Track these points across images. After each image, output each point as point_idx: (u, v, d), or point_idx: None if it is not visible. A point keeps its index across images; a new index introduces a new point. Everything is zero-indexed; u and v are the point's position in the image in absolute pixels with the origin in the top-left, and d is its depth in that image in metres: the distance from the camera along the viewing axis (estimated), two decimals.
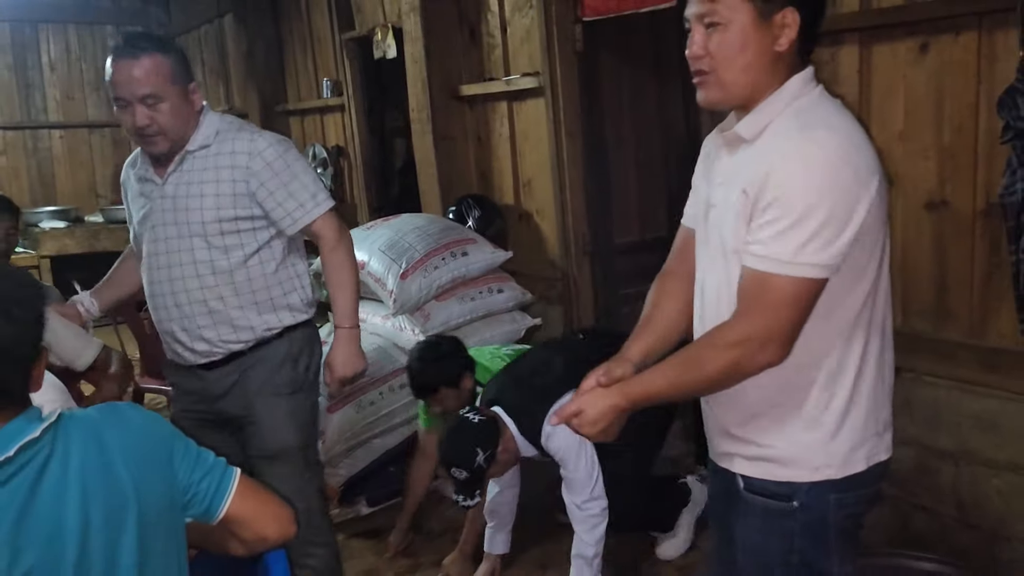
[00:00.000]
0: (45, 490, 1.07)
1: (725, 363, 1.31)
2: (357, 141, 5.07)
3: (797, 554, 1.41)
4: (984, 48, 2.15)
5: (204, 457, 1.25)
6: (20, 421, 1.08)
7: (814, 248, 1.25)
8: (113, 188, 7.43)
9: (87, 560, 1.08)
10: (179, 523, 1.21)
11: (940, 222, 2.32)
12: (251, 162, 2.05)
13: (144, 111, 1.97)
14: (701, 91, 1.38)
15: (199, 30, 6.91)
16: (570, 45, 3.43)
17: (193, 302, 2.09)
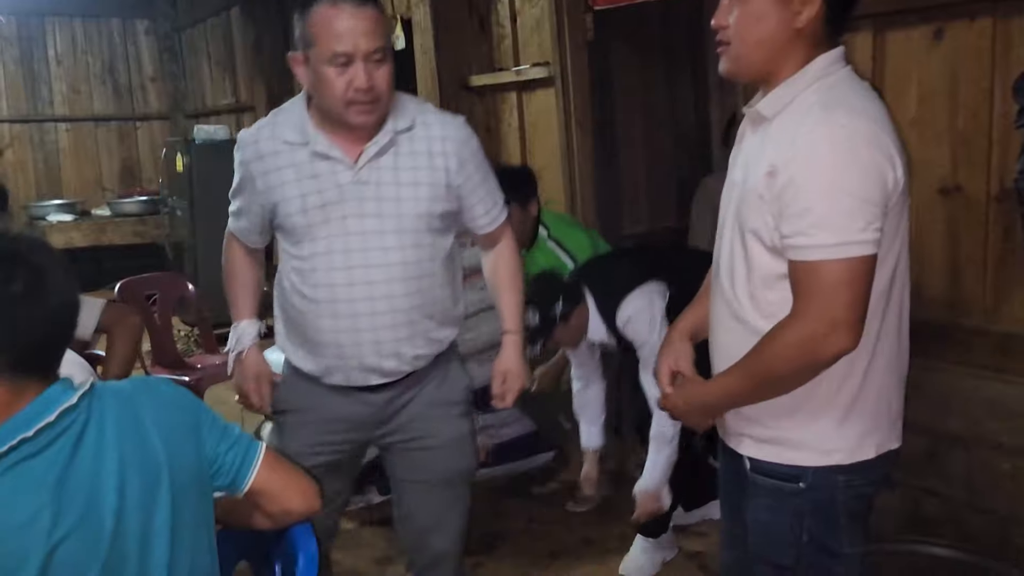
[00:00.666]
0: (84, 455, 1.09)
1: (797, 361, 1.30)
2: None
3: (807, 533, 1.42)
4: (999, 34, 2.16)
5: (231, 430, 1.27)
6: (56, 389, 1.11)
7: (857, 227, 1.24)
8: (121, 181, 7.46)
9: (124, 524, 1.11)
10: (208, 494, 1.23)
11: (954, 208, 2.32)
12: (460, 149, 1.76)
13: (368, 70, 1.61)
14: (721, 62, 1.39)
15: (205, 23, 6.92)
16: (580, 35, 3.43)
17: (396, 310, 1.74)
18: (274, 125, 1.74)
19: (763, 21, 1.31)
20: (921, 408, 2.40)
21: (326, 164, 1.69)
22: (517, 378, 1.93)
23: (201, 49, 7.14)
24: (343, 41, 1.59)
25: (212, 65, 7.00)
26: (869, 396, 1.38)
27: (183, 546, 1.17)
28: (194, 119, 7.14)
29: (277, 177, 1.71)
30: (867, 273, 1.27)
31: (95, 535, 1.08)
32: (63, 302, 1.12)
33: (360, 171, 1.70)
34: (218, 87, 6.94)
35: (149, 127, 7.64)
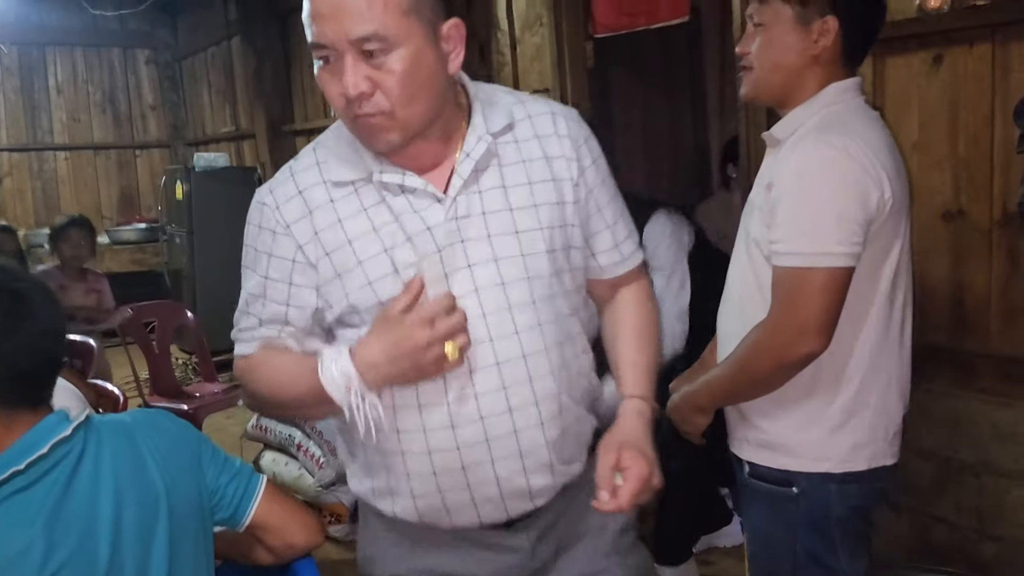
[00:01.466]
0: (79, 487, 1.07)
1: (767, 361, 1.36)
2: None
3: (801, 544, 1.44)
4: (998, 59, 2.17)
5: (231, 463, 1.25)
6: (50, 420, 1.09)
7: (835, 239, 1.31)
8: (119, 210, 7.46)
9: (120, 557, 1.09)
10: (208, 528, 1.21)
11: (957, 233, 2.32)
12: (580, 152, 1.22)
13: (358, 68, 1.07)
14: (742, 86, 1.49)
15: (205, 52, 6.97)
16: (581, 62, 3.46)
17: (543, 398, 1.16)
18: (319, 165, 1.18)
19: (782, 46, 1.41)
20: (930, 434, 2.38)
21: (402, 201, 1.15)
22: (647, 472, 1.16)
23: (201, 78, 7.18)
24: (319, 26, 1.06)
25: (212, 93, 7.03)
26: (866, 409, 1.43)
27: None
28: (194, 147, 7.17)
29: (342, 234, 1.14)
30: (841, 283, 1.33)
31: (89, 568, 1.06)
32: (46, 330, 1.10)
33: (456, 202, 1.14)
34: (218, 115, 6.98)
35: (148, 155, 7.67)
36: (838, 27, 1.38)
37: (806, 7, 1.38)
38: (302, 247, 1.16)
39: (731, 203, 3.30)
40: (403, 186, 1.14)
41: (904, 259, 1.44)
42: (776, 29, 1.40)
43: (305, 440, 3.23)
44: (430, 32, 1.07)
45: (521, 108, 1.22)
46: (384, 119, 1.08)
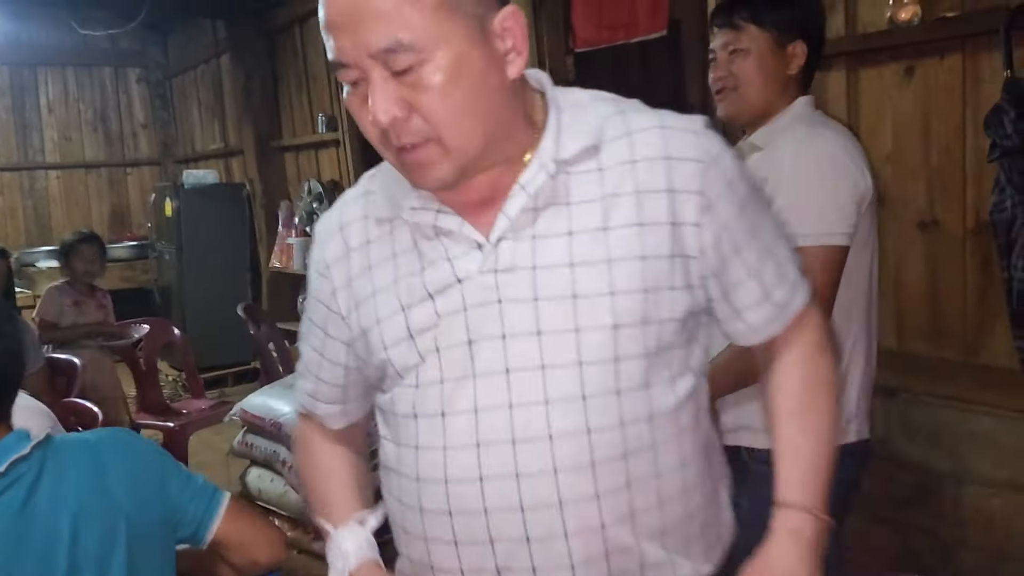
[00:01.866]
0: (37, 505, 1.08)
1: None
2: (353, 175, 5.10)
3: None
4: (969, 70, 2.19)
5: (194, 480, 1.25)
6: (8, 440, 1.10)
7: (833, 218, 1.46)
8: (110, 227, 7.47)
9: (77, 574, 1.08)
10: (170, 544, 1.21)
11: (932, 242, 2.34)
12: (705, 181, 0.91)
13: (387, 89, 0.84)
14: (721, 105, 1.63)
15: (195, 70, 7.00)
16: (563, 76, 3.48)
17: (578, 531, 0.89)
18: (366, 195, 0.99)
19: (763, 70, 1.58)
20: (909, 443, 2.38)
21: (437, 246, 0.92)
22: None
23: (191, 95, 7.21)
24: (336, 40, 0.83)
25: (202, 111, 7.06)
26: (852, 385, 1.58)
27: None
28: (183, 164, 7.18)
29: (369, 284, 0.96)
30: (840, 261, 1.47)
31: None
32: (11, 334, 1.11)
33: (498, 250, 0.90)
34: (207, 132, 7.00)
35: (139, 173, 7.68)
36: (806, 49, 1.57)
37: (781, 32, 1.56)
38: (335, 293, 0.98)
39: None
40: (436, 227, 0.91)
41: (875, 252, 1.60)
42: (756, 55, 1.57)
43: (291, 457, 3.23)
44: (476, 30, 0.82)
45: (619, 122, 0.93)
46: (433, 150, 0.84)
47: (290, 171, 5.88)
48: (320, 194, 5.42)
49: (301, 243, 5.54)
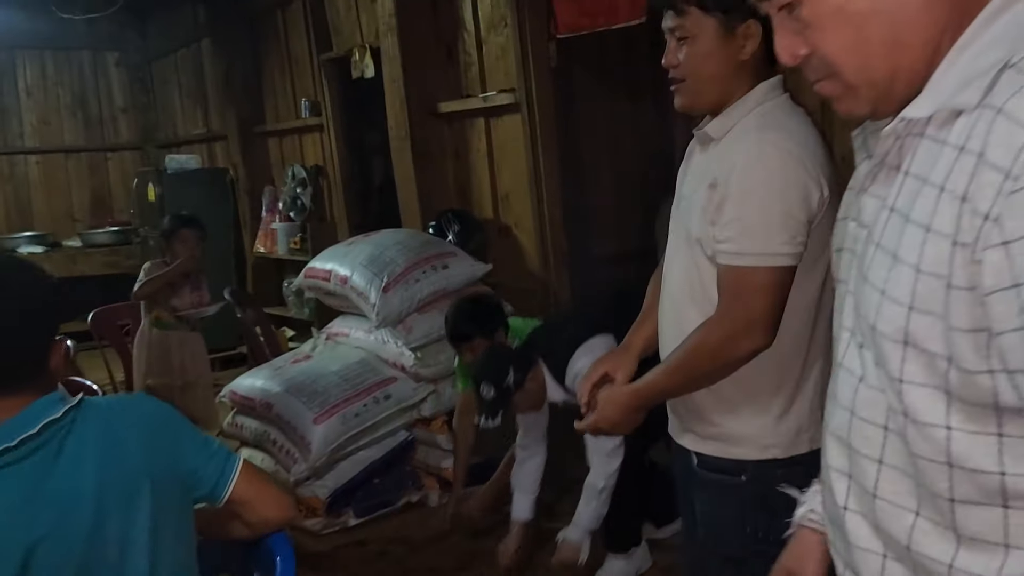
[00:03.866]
0: (63, 464, 1.15)
1: (716, 357, 1.42)
2: (337, 160, 5.14)
3: (750, 524, 1.51)
4: None
5: (210, 442, 1.33)
6: (44, 402, 1.16)
7: (781, 239, 1.36)
8: (91, 212, 7.44)
9: (101, 531, 1.16)
10: (188, 507, 1.29)
11: None
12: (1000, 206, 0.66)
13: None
14: (676, 97, 1.51)
15: (176, 54, 6.97)
16: (545, 62, 3.53)
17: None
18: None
19: (712, 57, 1.43)
20: None
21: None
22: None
23: (172, 80, 7.18)
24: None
25: (183, 96, 7.03)
26: (804, 398, 1.50)
27: (164, 556, 1.23)
28: (165, 149, 7.16)
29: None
30: (786, 281, 1.39)
31: (72, 537, 1.13)
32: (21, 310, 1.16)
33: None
34: (189, 117, 6.98)
35: (120, 158, 7.64)
36: (761, 30, 1.41)
37: (728, 15, 1.41)
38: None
39: None
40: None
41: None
42: (702, 40, 1.43)
43: (280, 436, 3.29)
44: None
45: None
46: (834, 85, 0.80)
47: (273, 156, 5.90)
48: (304, 179, 5.45)
49: (285, 228, 5.58)
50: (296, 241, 5.48)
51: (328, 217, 5.39)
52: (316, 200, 5.42)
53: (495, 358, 2.64)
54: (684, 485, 1.65)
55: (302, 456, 3.17)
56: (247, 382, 3.52)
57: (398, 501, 3.42)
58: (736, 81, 1.45)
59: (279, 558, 1.39)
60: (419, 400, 3.41)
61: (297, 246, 5.47)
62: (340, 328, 3.79)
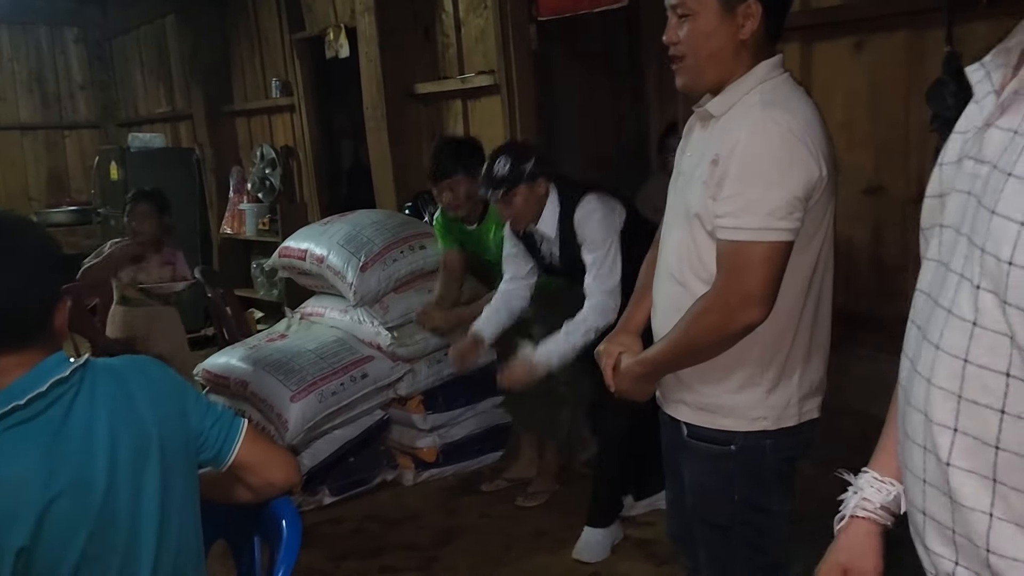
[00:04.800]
0: (75, 422, 1.14)
1: (713, 330, 1.45)
2: (308, 141, 5.09)
3: (738, 493, 1.56)
4: (915, 45, 2.34)
5: (214, 407, 1.32)
6: (50, 362, 1.15)
7: (780, 214, 1.39)
8: (48, 191, 7.25)
9: (115, 487, 1.16)
10: (194, 470, 1.28)
11: (878, 206, 2.50)
12: None
13: None
14: (678, 77, 1.52)
15: (138, 30, 6.82)
16: (525, 44, 3.55)
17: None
18: None
19: (712, 36, 1.45)
20: (855, 394, 2.56)
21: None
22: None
23: (133, 57, 7.02)
24: None
25: (145, 73, 6.89)
26: (794, 372, 1.53)
27: (171, 517, 1.23)
28: (126, 128, 7.01)
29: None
30: (783, 256, 1.41)
31: (87, 494, 1.13)
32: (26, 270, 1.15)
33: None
34: (152, 95, 6.84)
35: (78, 136, 7.46)
36: (761, 10, 1.43)
37: None
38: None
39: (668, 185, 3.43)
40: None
41: (830, 231, 1.54)
42: (703, 18, 1.44)
43: (256, 414, 3.26)
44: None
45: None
46: None
47: (242, 136, 5.81)
48: (273, 160, 5.38)
49: (254, 209, 5.51)
50: (265, 222, 5.43)
51: (298, 198, 5.34)
52: (286, 181, 5.36)
53: (523, 144, 2.70)
54: (672, 454, 1.69)
55: (279, 434, 3.14)
56: (221, 360, 3.48)
57: (373, 480, 3.42)
58: (736, 60, 1.46)
59: (284, 522, 1.39)
60: (395, 379, 3.40)
61: (266, 227, 5.41)
62: (315, 308, 3.77)
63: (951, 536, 0.84)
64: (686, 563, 1.82)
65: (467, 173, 2.86)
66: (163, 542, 1.21)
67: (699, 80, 1.51)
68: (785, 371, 1.52)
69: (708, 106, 1.51)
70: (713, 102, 1.50)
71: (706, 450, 1.57)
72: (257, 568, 1.46)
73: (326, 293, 3.73)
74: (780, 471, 1.57)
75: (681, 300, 1.53)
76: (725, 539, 1.61)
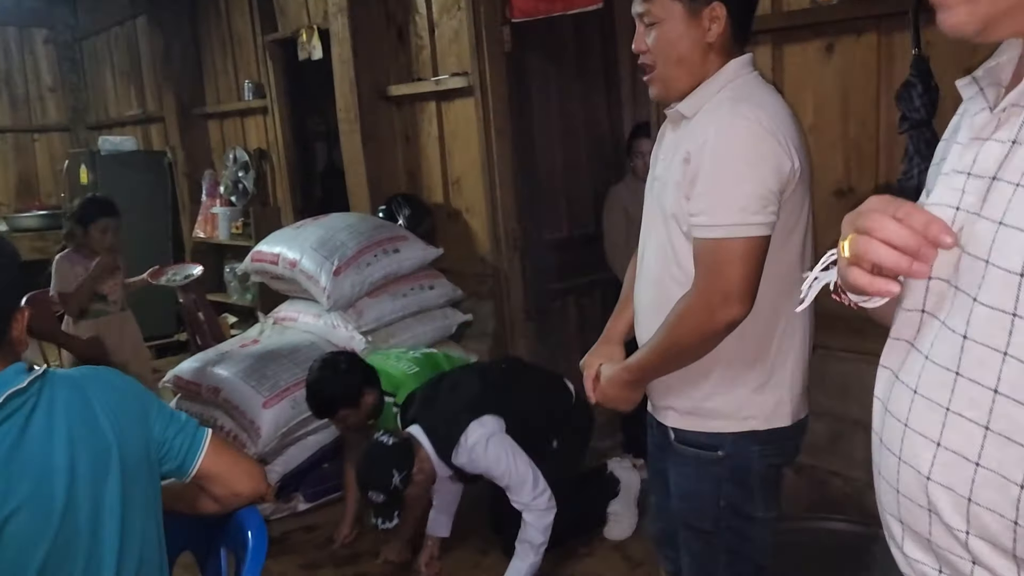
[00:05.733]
0: (33, 435, 1.11)
1: (696, 329, 1.44)
2: (281, 143, 5.04)
3: (724, 499, 1.56)
4: (883, 48, 2.36)
5: (177, 416, 1.29)
6: (8, 373, 1.12)
7: (753, 208, 1.39)
8: (17, 195, 7.13)
9: (75, 501, 1.13)
10: (156, 481, 1.25)
11: (848, 208, 2.49)
12: None
13: None
14: (651, 87, 1.53)
15: (108, 32, 6.73)
16: (498, 46, 3.53)
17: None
18: None
19: (679, 41, 1.46)
20: (824, 395, 2.57)
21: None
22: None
23: (104, 59, 6.92)
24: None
25: (116, 75, 6.79)
26: (783, 370, 1.53)
27: (133, 530, 1.20)
28: (96, 131, 6.91)
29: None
30: (760, 251, 1.41)
31: (46, 509, 1.10)
32: None
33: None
34: (123, 98, 6.75)
35: (48, 139, 7.34)
36: (726, 12, 1.44)
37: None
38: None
39: (638, 188, 3.43)
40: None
41: (809, 224, 1.54)
42: (669, 24, 1.45)
43: (228, 422, 3.23)
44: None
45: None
46: None
47: (214, 139, 5.75)
48: (246, 163, 5.33)
49: (227, 213, 5.45)
50: (238, 226, 5.37)
51: (271, 202, 5.29)
52: (259, 184, 5.31)
53: (376, 461, 2.45)
54: (659, 458, 1.68)
55: (251, 441, 3.11)
56: (193, 367, 3.44)
57: None
58: (704, 63, 1.48)
59: (250, 532, 1.36)
60: None
61: (239, 231, 5.36)
62: (288, 312, 3.74)
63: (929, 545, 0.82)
64: (667, 568, 1.81)
65: (347, 403, 2.70)
66: (125, 554, 1.18)
67: (671, 88, 1.52)
68: (774, 370, 1.52)
69: (679, 107, 1.51)
70: (684, 103, 1.51)
71: (693, 455, 1.57)
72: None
73: (299, 297, 3.70)
74: (766, 477, 1.56)
75: (662, 304, 1.53)
76: (709, 544, 1.60)
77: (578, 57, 4.04)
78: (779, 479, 1.62)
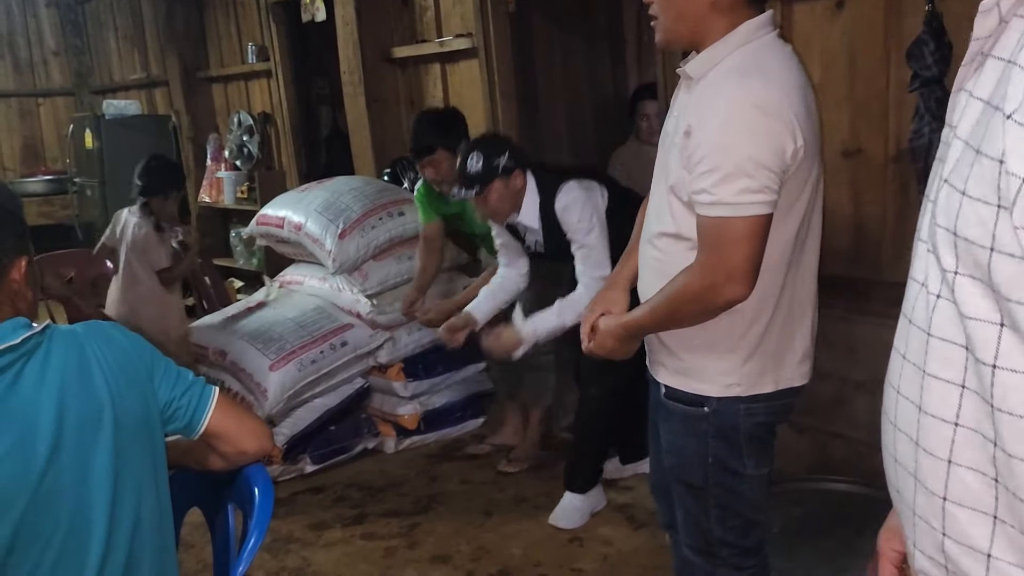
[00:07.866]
0: (21, 391, 1.11)
1: (695, 305, 1.46)
2: (285, 107, 5.01)
3: (712, 455, 1.58)
4: (893, 5, 2.32)
5: (184, 375, 1.29)
6: (4, 328, 1.12)
7: (756, 187, 1.37)
8: (23, 160, 7.13)
9: (58, 460, 1.13)
10: (158, 440, 1.26)
11: (856, 168, 2.49)
12: None
13: None
14: (656, 34, 1.51)
15: None
16: (503, 6, 3.49)
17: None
18: None
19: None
20: (828, 356, 2.56)
21: None
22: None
23: (107, 22, 6.87)
24: None
25: (119, 39, 6.75)
26: (772, 340, 1.53)
27: (127, 489, 1.20)
28: (100, 95, 6.88)
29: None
30: (764, 230, 1.40)
31: (26, 462, 1.10)
32: None
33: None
34: (126, 61, 6.71)
35: (52, 103, 7.32)
36: None
37: None
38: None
39: (641, 151, 3.41)
40: None
41: (815, 197, 1.52)
42: None
43: (236, 384, 3.25)
44: None
45: None
46: None
47: (219, 102, 5.72)
48: (251, 126, 5.31)
49: (232, 177, 5.44)
50: (243, 190, 5.36)
51: (276, 165, 5.27)
52: (264, 148, 5.29)
53: (495, 137, 2.66)
54: (653, 414, 1.71)
55: (258, 403, 3.14)
56: (199, 330, 3.46)
57: (354, 448, 3.43)
58: (709, 20, 1.42)
59: (257, 489, 1.38)
60: (375, 347, 3.40)
61: (244, 195, 5.35)
62: (294, 276, 3.74)
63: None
64: (660, 521, 1.85)
65: (448, 148, 2.82)
66: (117, 514, 1.18)
67: (672, 39, 1.50)
68: (763, 341, 1.53)
69: (687, 67, 1.48)
70: (691, 64, 1.48)
71: (681, 411, 1.60)
72: (231, 536, 1.46)
73: (305, 261, 3.70)
74: (753, 435, 1.58)
75: (658, 263, 1.54)
76: (699, 500, 1.63)
77: (583, 18, 3.98)
78: (770, 436, 1.64)
